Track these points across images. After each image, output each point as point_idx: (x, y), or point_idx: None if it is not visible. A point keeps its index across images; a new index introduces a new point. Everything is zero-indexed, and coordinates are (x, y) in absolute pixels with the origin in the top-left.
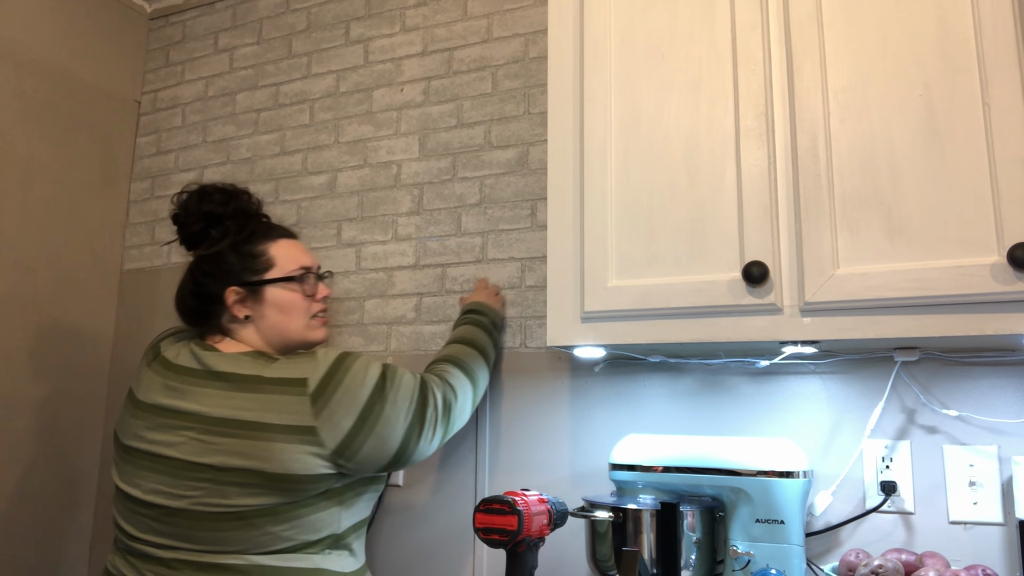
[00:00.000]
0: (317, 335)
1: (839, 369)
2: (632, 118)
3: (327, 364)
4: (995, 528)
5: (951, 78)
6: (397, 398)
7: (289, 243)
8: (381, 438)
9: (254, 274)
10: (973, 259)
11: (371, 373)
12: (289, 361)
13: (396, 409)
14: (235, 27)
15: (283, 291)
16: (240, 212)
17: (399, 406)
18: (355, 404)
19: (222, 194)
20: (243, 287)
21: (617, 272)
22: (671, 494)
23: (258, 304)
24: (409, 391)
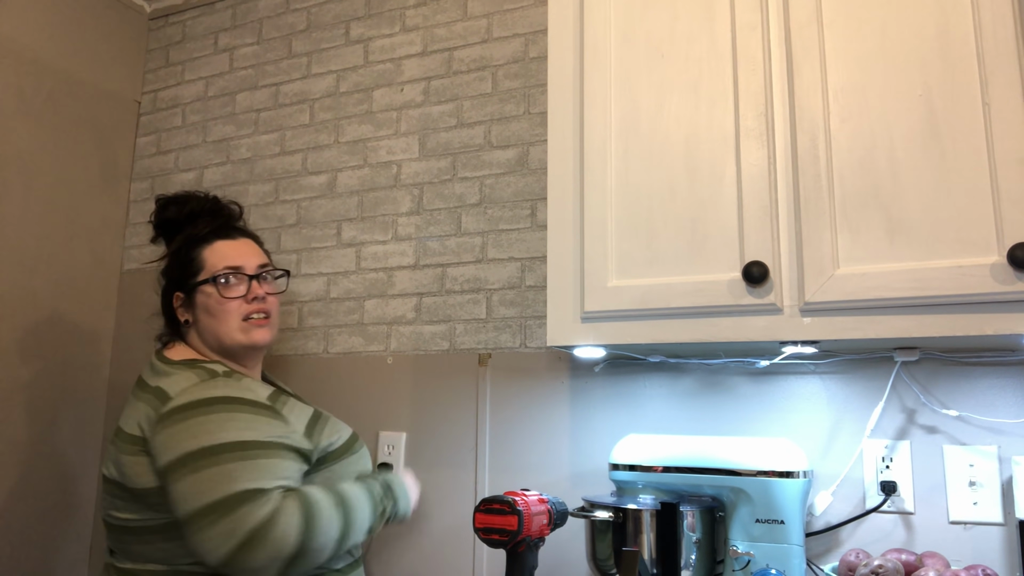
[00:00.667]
0: (253, 337)
1: (839, 369)
2: (632, 118)
3: (199, 396)
4: (995, 528)
5: (951, 78)
6: (226, 474)
7: (224, 244)
8: (184, 492)
9: (189, 278)
10: (973, 259)
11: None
12: (189, 372)
13: (213, 480)
14: (235, 27)
15: (207, 294)
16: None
17: (216, 481)
18: (182, 445)
19: (176, 204)
20: (182, 292)
21: (617, 272)
22: (671, 494)
23: (192, 308)
24: (242, 482)
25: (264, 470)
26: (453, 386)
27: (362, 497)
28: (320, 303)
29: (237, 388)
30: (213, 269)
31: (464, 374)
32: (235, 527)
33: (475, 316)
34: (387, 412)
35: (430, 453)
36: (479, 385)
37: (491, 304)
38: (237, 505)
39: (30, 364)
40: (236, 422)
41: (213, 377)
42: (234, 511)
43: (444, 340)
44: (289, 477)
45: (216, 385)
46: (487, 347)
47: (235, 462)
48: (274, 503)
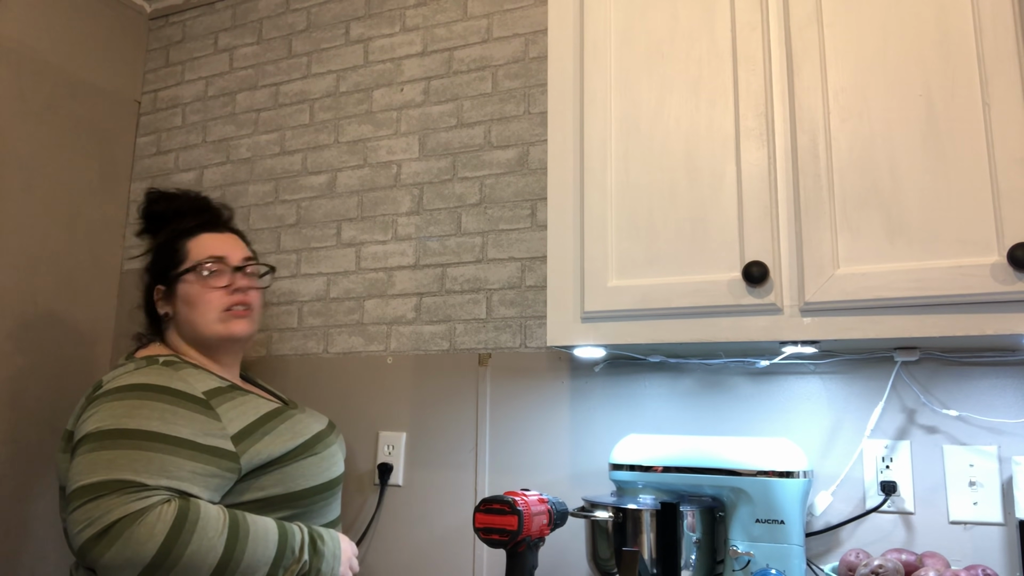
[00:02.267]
0: (233, 329)
1: (839, 369)
2: (632, 118)
3: (122, 383)
4: (995, 528)
5: (951, 78)
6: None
7: (209, 236)
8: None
9: (171, 269)
10: (973, 259)
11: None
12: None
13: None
14: (235, 27)
15: (189, 284)
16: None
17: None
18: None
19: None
20: (163, 284)
21: (617, 272)
22: (671, 494)
23: (172, 300)
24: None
25: (153, 464)
26: (453, 386)
27: (270, 536)
28: (320, 303)
29: (167, 376)
30: (197, 258)
31: (464, 374)
32: (98, 515)
33: (475, 316)
34: (387, 412)
35: (430, 453)
36: (479, 385)
37: (491, 304)
38: (107, 493)
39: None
40: (146, 410)
41: (150, 364)
42: (101, 498)
43: (444, 340)
44: (185, 479)
45: (147, 372)
46: (487, 347)
47: (125, 449)
48: (147, 502)
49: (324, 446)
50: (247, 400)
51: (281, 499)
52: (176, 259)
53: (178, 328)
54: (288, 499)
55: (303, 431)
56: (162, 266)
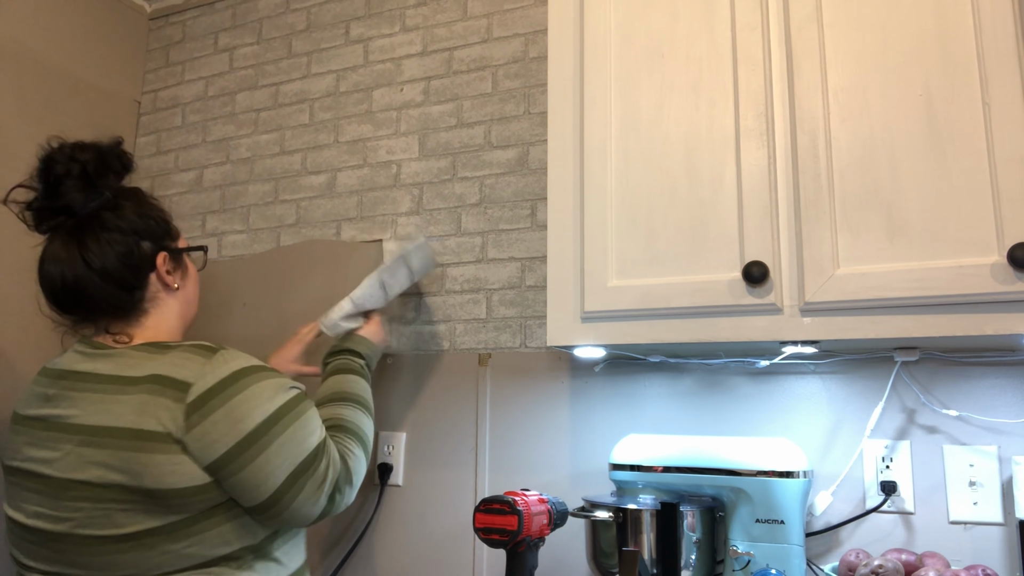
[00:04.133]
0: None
1: (839, 369)
2: (632, 118)
3: (221, 375)
4: (995, 528)
5: (951, 78)
6: (292, 438)
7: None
8: (258, 474)
9: (173, 240)
10: (973, 259)
11: (270, 402)
12: (182, 354)
13: (283, 450)
14: (235, 27)
15: (193, 261)
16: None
17: (287, 449)
18: (237, 429)
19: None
20: (170, 253)
21: (617, 272)
22: (671, 494)
23: (184, 274)
24: (308, 441)
25: (312, 420)
26: (453, 386)
27: (361, 383)
28: None
29: (242, 357)
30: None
31: (464, 374)
32: (322, 482)
33: (475, 316)
34: (387, 412)
35: (430, 453)
36: (479, 385)
37: (491, 304)
38: (314, 463)
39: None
40: (269, 389)
41: (214, 352)
42: (315, 469)
43: (444, 340)
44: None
45: (226, 358)
46: (487, 347)
47: (292, 424)
48: (332, 448)
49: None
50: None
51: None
52: (173, 231)
53: (176, 306)
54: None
55: None
56: (163, 233)
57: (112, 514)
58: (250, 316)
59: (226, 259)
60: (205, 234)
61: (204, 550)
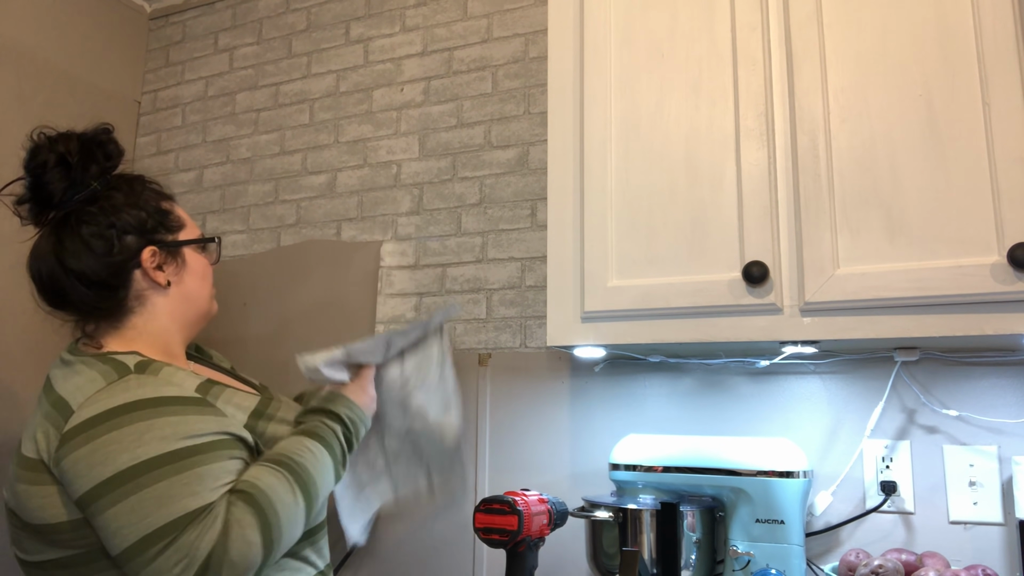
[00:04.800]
0: (215, 307)
1: (839, 369)
2: (632, 118)
3: (106, 405)
4: (995, 528)
5: (951, 78)
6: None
7: (179, 206)
8: (108, 526)
9: (169, 232)
10: (973, 259)
11: (145, 447)
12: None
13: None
14: (235, 27)
15: (199, 255)
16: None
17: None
18: (95, 471)
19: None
20: (160, 247)
21: (617, 272)
22: (671, 494)
23: (179, 269)
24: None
25: (202, 479)
26: None
27: (318, 455)
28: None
29: (153, 385)
30: (194, 230)
31: (464, 374)
32: (186, 555)
33: (475, 316)
34: None
35: None
36: (479, 385)
37: (491, 304)
38: (182, 529)
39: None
40: (157, 429)
41: (123, 376)
42: (180, 537)
43: None
44: (232, 476)
45: (127, 386)
46: (487, 347)
47: (167, 478)
48: (222, 517)
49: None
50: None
51: None
52: (173, 223)
53: (173, 303)
54: None
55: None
56: (156, 225)
57: (22, 540)
58: (250, 316)
59: (226, 259)
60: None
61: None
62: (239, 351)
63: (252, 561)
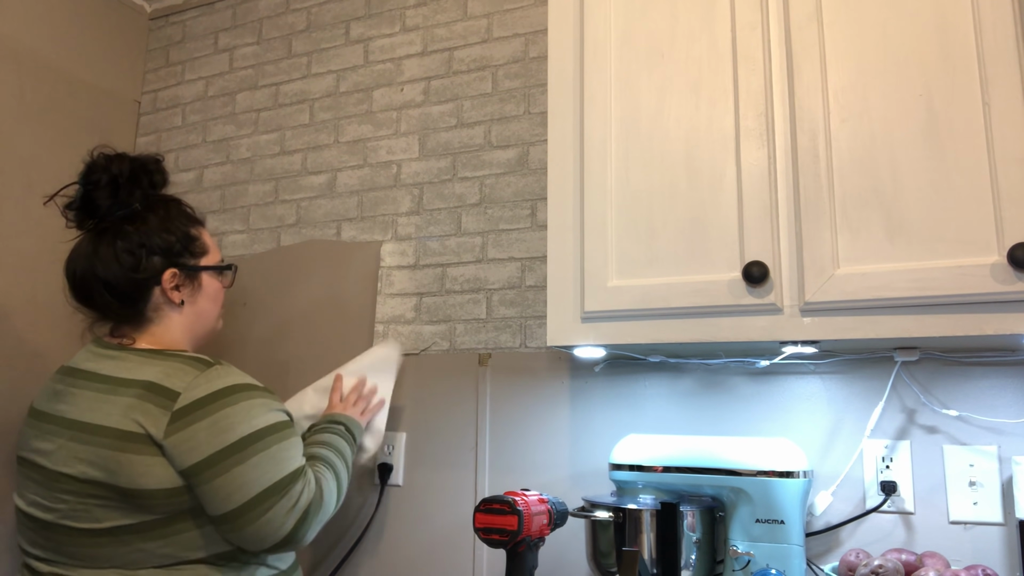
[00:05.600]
0: (220, 324)
1: (839, 369)
2: (632, 118)
3: (213, 387)
4: (995, 528)
5: (951, 78)
6: (274, 457)
7: (207, 231)
8: (231, 483)
9: (193, 257)
10: (973, 259)
11: (256, 419)
12: (177, 364)
13: (262, 466)
14: (235, 27)
15: (215, 280)
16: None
17: (265, 465)
18: (220, 438)
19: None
20: (181, 270)
21: (617, 272)
22: (671, 494)
23: (194, 291)
24: (288, 464)
25: (296, 447)
26: (453, 386)
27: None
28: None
29: (237, 374)
30: (216, 255)
31: (464, 374)
32: (294, 504)
33: (475, 316)
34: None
35: (430, 453)
36: (479, 385)
37: (491, 304)
38: (289, 485)
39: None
40: (257, 407)
41: (209, 366)
42: (289, 490)
43: (444, 340)
44: (303, 448)
45: (219, 374)
46: (487, 347)
47: (274, 445)
48: (312, 475)
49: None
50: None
51: None
52: (198, 248)
53: (187, 319)
54: None
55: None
56: (182, 249)
57: (91, 508)
58: (250, 316)
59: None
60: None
61: (177, 551)
62: (239, 351)
63: (333, 506)
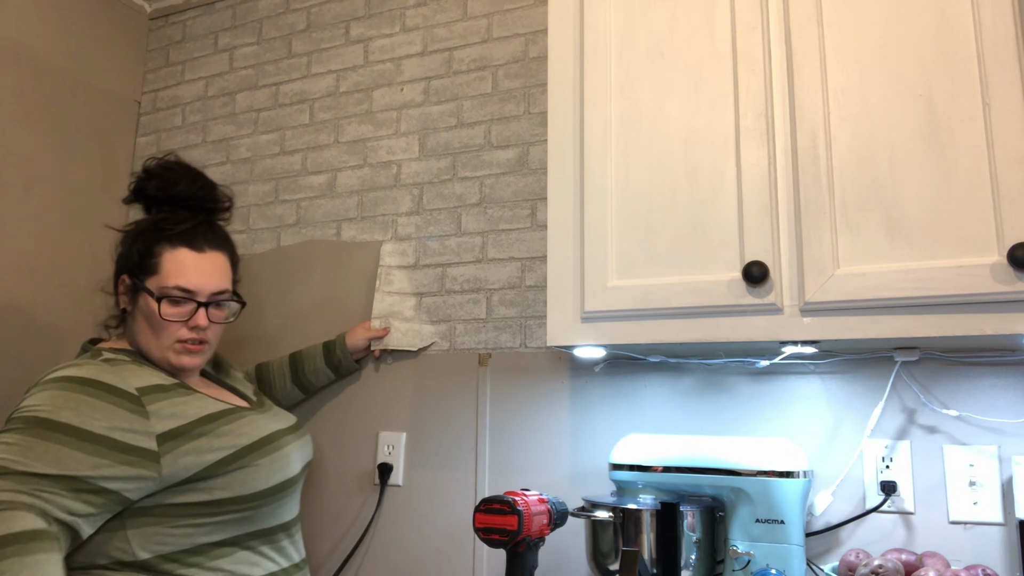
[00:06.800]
0: (179, 361)
1: (839, 369)
2: (632, 118)
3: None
4: (995, 528)
5: (951, 78)
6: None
7: (188, 256)
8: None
9: (140, 273)
10: (973, 259)
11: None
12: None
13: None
14: (235, 27)
15: (150, 303)
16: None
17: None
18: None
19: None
20: (131, 279)
21: (617, 272)
22: (671, 494)
23: (134, 305)
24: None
25: (47, 455)
26: (453, 386)
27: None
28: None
29: (101, 371)
30: (163, 282)
31: (464, 374)
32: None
33: (475, 316)
34: (387, 412)
35: (430, 453)
36: (479, 385)
37: (491, 304)
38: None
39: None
40: (61, 400)
41: (93, 358)
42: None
43: (444, 340)
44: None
45: (83, 366)
46: (487, 347)
47: (23, 435)
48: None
49: (275, 447)
50: (188, 400)
51: (229, 502)
52: (148, 266)
53: (129, 331)
54: (235, 502)
55: (250, 432)
56: (133, 262)
57: None
58: (250, 316)
59: None
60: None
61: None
62: (239, 351)
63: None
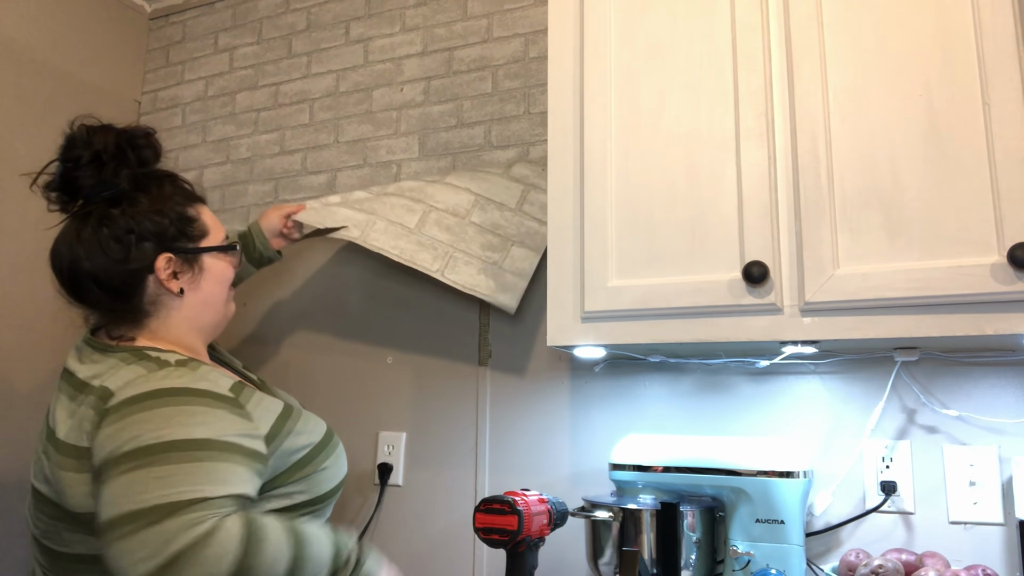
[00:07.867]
0: (232, 308)
1: (839, 369)
2: (632, 118)
3: (145, 388)
4: (995, 528)
5: (951, 78)
6: (168, 477)
7: (208, 209)
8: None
9: (190, 240)
10: (973, 259)
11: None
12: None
13: (148, 484)
14: (235, 27)
15: (219, 261)
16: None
17: (152, 485)
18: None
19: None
20: (177, 255)
21: (617, 272)
22: (671, 494)
23: (195, 276)
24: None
25: (212, 474)
26: (453, 386)
27: (322, 537)
28: None
29: (192, 377)
30: (218, 235)
31: (464, 374)
32: (162, 542)
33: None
34: (387, 412)
35: (430, 453)
36: (479, 385)
37: None
38: (169, 515)
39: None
40: (185, 416)
41: (163, 367)
42: (163, 522)
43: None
44: (241, 487)
45: (167, 375)
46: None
47: (176, 463)
48: (210, 522)
49: (335, 444)
50: (260, 396)
51: (306, 504)
52: (195, 230)
53: (189, 308)
54: (312, 503)
55: (314, 430)
56: (177, 233)
57: (61, 532)
58: (250, 316)
59: None
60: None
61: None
62: (239, 351)
63: (219, 571)
